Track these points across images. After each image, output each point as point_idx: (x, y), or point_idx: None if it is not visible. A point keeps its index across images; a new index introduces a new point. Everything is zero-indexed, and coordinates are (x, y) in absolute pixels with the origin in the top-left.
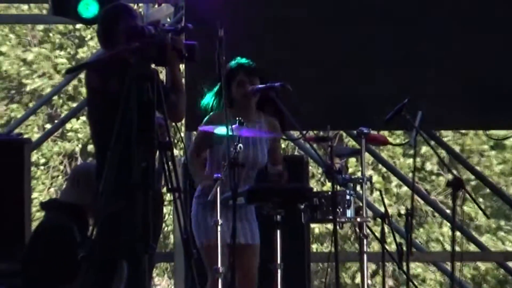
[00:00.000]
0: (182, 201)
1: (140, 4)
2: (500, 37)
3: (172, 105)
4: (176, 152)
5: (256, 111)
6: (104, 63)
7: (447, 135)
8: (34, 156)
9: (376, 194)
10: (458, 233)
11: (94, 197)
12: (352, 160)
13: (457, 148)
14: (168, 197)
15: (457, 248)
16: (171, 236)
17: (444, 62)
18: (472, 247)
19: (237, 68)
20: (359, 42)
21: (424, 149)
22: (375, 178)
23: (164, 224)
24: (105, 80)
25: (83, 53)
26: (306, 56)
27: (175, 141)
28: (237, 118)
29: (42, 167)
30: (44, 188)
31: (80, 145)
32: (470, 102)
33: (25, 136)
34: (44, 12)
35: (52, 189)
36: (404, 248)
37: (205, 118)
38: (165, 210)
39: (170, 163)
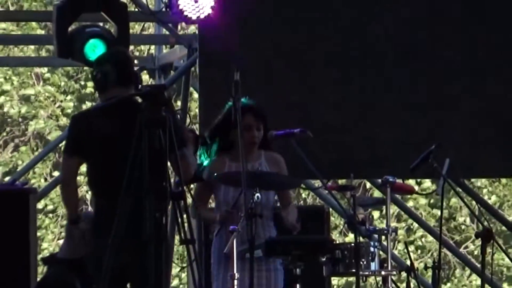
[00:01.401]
0: (197, 252)
1: (152, 46)
2: None
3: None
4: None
5: (256, 150)
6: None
7: (484, 183)
8: (42, 203)
9: (400, 247)
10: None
11: (90, 250)
12: (375, 213)
13: (493, 197)
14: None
15: None
16: None
17: (475, 106)
18: None
19: (245, 110)
20: (383, 85)
21: (453, 199)
22: (399, 231)
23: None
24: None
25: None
26: (328, 100)
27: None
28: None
29: (50, 215)
30: (53, 237)
31: (89, 191)
32: (502, 148)
33: (32, 182)
34: (43, 53)
35: (61, 241)
36: None
37: (206, 167)
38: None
39: (183, 213)
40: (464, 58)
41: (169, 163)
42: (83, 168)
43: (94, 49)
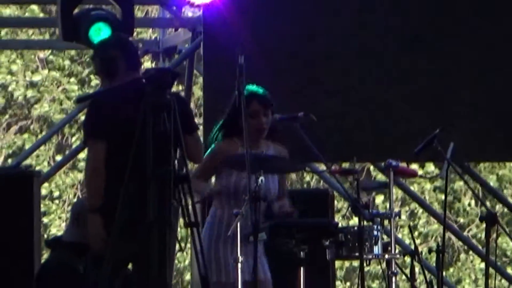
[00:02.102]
0: (201, 235)
1: (156, 29)
2: None
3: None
4: None
5: (264, 140)
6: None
7: (483, 166)
8: (48, 189)
9: (403, 231)
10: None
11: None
12: (379, 197)
13: (493, 178)
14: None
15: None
16: (186, 273)
17: (478, 92)
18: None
19: (251, 97)
20: (387, 71)
21: (457, 183)
22: (403, 216)
23: (177, 261)
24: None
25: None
26: (331, 85)
27: None
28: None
29: (56, 201)
30: (60, 223)
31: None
32: (505, 133)
33: (35, 167)
34: (47, 36)
35: None
36: (435, 287)
37: (212, 147)
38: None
39: (187, 196)
40: (469, 47)
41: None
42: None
43: (99, 32)
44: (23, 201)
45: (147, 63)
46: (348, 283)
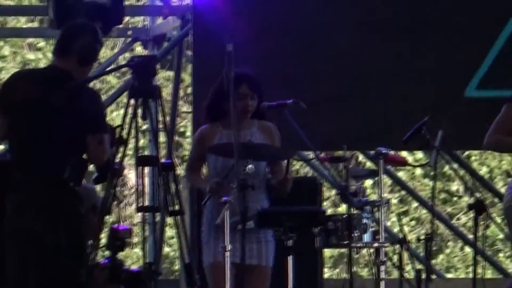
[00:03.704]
0: (185, 224)
1: (146, 17)
2: None
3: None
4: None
5: (248, 119)
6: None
7: (475, 156)
8: None
9: (394, 218)
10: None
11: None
12: (369, 183)
13: (484, 169)
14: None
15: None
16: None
17: (467, 80)
18: (495, 273)
19: (241, 79)
20: (377, 57)
21: (448, 170)
22: (394, 201)
23: (170, 248)
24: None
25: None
26: (321, 72)
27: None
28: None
29: None
30: None
31: None
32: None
33: None
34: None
35: None
36: (423, 275)
37: (196, 133)
38: (170, 232)
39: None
40: (460, 34)
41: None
42: None
43: (92, 20)
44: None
45: (138, 49)
46: (337, 270)
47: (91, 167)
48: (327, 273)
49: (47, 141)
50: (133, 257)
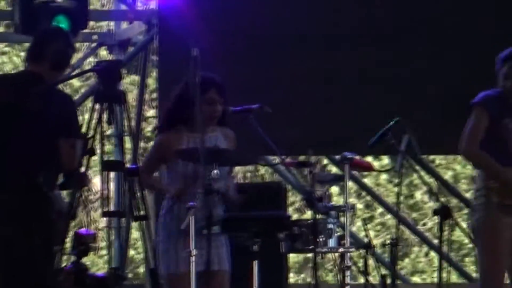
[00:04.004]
0: (151, 229)
1: (111, 22)
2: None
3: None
4: None
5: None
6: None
7: (440, 160)
8: None
9: (359, 223)
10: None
11: None
12: (335, 189)
13: (449, 174)
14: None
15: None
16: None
17: (434, 86)
18: (459, 278)
19: (209, 84)
20: (343, 62)
21: (414, 176)
22: (359, 206)
23: (135, 252)
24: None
25: None
26: (286, 77)
27: None
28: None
29: None
30: None
31: None
32: (461, 126)
33: None
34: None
35: None
36: (389, 280)
37: (159, 137)
38: (135, 235)
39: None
40: (425, 40)
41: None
42: None
43: (59, 25)
44: None
45: (103, 54)
46: (303, 275)
47: None
48: (292, 278)
49: (20, 146)
50: (98, 263)
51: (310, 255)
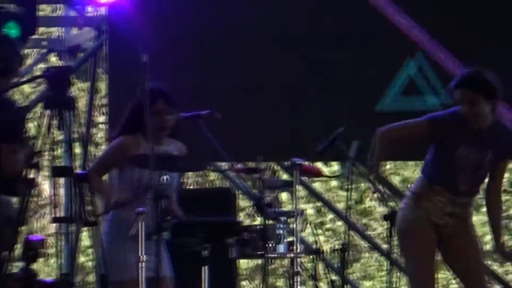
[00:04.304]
0: (100, 235)
1: (60, 28)
2: None
3: None
4: None
5: (166, 137)
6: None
7: (388, 166)
8: None
9: (309, 229)
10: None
11: None
12: (287, 195)
13: (397, 178)
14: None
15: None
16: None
17: (381, 91)
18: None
19: (157, 95)
20: (291, 68)
21: (363, 183)
22: (310, 212)
23: (87, 259)
24: None
25: None
26: (235, 83)
27: None
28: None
29: None
30: None
31: None
32: None
33: None
34: None
35: None
36: (338, 286)
37: (118, 140)
38: (88, 242)
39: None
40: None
41: None
42: None
43: (9, 31)
44: None
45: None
46: (256, 282)
47: None
48: (245, 286)
49: None
50: (45, 269)
51: (261, 261)
